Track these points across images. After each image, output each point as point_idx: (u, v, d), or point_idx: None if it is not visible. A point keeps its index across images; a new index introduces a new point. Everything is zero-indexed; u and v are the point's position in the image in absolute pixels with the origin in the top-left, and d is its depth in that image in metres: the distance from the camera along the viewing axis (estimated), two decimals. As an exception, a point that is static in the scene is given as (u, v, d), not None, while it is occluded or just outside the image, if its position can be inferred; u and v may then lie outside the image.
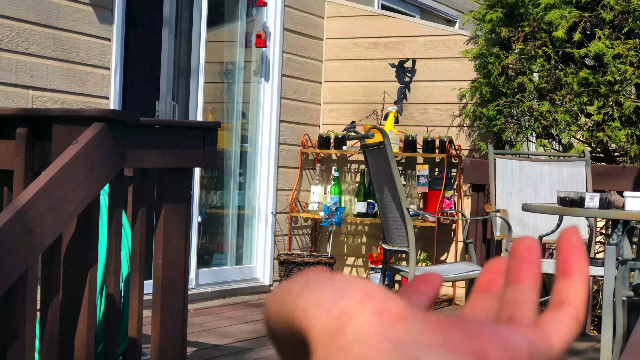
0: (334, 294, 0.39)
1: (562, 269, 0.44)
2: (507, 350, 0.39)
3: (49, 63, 5.22)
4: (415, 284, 0.46)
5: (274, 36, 7.00)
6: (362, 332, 0.38)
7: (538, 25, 6.26)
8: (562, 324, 0.43)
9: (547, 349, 0.42)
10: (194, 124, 3.78)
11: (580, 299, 0.43)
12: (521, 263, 0.44)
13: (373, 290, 0.39)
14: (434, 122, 7.01)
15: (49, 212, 2.72)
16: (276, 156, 7.04)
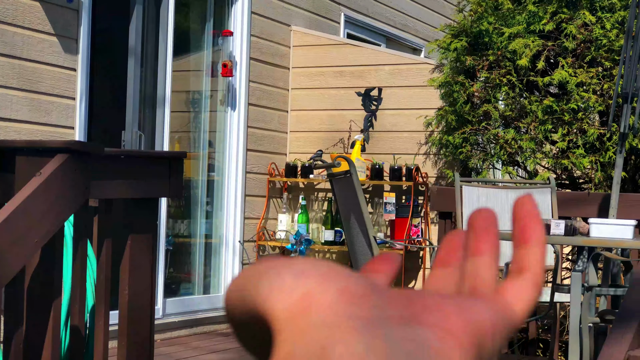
0: (295, 276, 0.39)
1: (520, 236, 0.44)
2: (471, 321, 0.39)
3: (13, 93, 5.19)
4: (374, 264, 0.46)
5: (240, 65, 7.02)
6: (325, 312, 0.37)
7: (502, 54, 6.33)
8: (522, 291, 0.43)
9: (510, 315, 0.42)
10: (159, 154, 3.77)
11: (539, 265, 0.44)
12: (479, 235, 0.44)
13: (333, 270, 0.39)
14: (400, 150, 7.04)
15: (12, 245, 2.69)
16: (243, 185, 7.03)
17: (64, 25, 5.49)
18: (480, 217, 0.44)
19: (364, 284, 0.39)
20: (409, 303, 0.38)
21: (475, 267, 0.43)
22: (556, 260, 5.17)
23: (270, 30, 7.31)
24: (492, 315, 0.40)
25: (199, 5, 6.94)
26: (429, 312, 0.38)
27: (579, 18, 6.23)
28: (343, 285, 0.38)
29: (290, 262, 0.40)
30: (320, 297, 0.38)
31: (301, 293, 0.38)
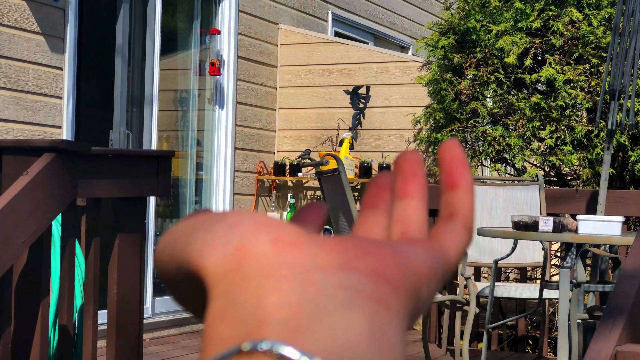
0: (227, 229, 0.38)
1: (448, 181, 0.43)
2: (407, 266, 0.38)
3: (0, 93, 5.17)
4: (301, 214, 0.45)
5: (228, 64, 7.01)
6: (259, 263, 0.37)
7: (490, 52, 6.34)
8: (454, 235, 0.42)
9: (444, 260, 0.41)
10: (147, 153, 3.76)
11: (469, 208, 0.43)
12: (406, 177, 0.43)
13: (265, 220, 0.38)
14: (388, 148, 7.04)
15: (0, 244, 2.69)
16: (232, 183, 7.03)
17: (51, 24, 5.47)
18: (407, 160, 0.44)
19: (297, 233, 0.38)
20: (343, 250, 0.38)
21: (404, 210, 0.43)
22: (545, 257, 5.18)
23: (257, 29, 7.30)
24: (428, 260, 0.40)
25: (186, 4, 6.93)
26: (364, 259, 0.37)
27: (566, 15, 6.25)
28: (276, 234, 0.38)
29: (222, 216, 0.39)
30: (253, 248, 0.37)
31: (234, 246, 0.38)
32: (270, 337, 0.35)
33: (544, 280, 4.93)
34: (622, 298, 2.67)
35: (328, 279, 0.36)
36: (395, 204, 0.43)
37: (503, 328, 6.05)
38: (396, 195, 0.43)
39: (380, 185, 0.45)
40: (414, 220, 0.42)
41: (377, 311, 0.36)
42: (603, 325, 2.61)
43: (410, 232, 0.42)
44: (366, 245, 0.38)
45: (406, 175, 0.43)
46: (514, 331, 6.10)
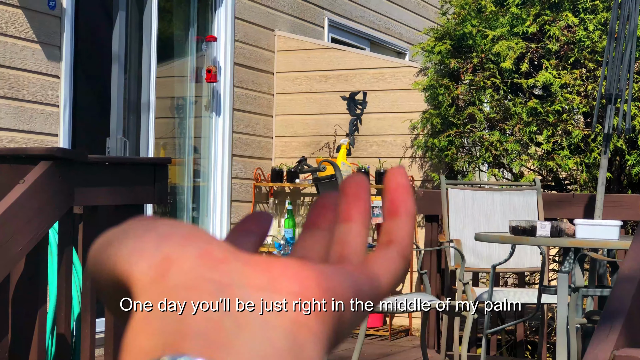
0: (156, 240, 0.39)
1: (390, 209, 0.44)
2: (330, 289, 0.39)
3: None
4: (245, 223, 0.46)
5: (225, 71, 7.02)
6: (184, 276, 0.37)
7: (486, 57, 6.35)
8: (389, 262, 0.43)
9: (374, 286, 0.41)
10: (144, 161, 3.77)
11: (407, 237, 0.44)
12: (351, 201, 0.43)
13: (195, 234, 0.39)
14: (386, 154, 7.05)
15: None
16: (229, 190, 7.03)
17: (47, 33, 5.48)
18: (353, 184, 0.44)
19: (225, 249, 0.38)
20: (268, 269, 0.38)
21: (344, 234, 0.43)
22: (543, 262, 5.18)
23: (254, 36, 7.31)
24: (354, 285, 0.40)
25: (182, 11, 6.94)
26: (287, 279, 0.38)
27: (562, 20, 6.26)
28: (203, 249, 0.38)
29: (153, 225, 0.40)
30: (179, 260, 0.38)
31: (161, 257, 0.38)
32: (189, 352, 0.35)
33: (543, 285, 4.93)
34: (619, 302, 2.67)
35: (251, 297, 0.37)
36: (338, 226, 0.44)
37: (502, 333, 6.05)
38: (339, 218, 0.44)
39: (324, 206, 0.45)
40: (353, 244, 0.43)
41: (297, 331, 0.37)
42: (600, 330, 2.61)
43: (348, 256, 0.42)
44: (292, 266, 0.39)
45: (350, 199, 0.44)
46: (512, 336, 6.10)
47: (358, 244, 0.43)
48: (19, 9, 5.31)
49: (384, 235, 0.44)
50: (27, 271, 2.99)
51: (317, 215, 0.45)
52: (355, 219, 0.43)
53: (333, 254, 0.43)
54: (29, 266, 2.99)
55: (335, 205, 0.45)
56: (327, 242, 0.44)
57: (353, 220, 0.43)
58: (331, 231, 0.44)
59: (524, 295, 5.23)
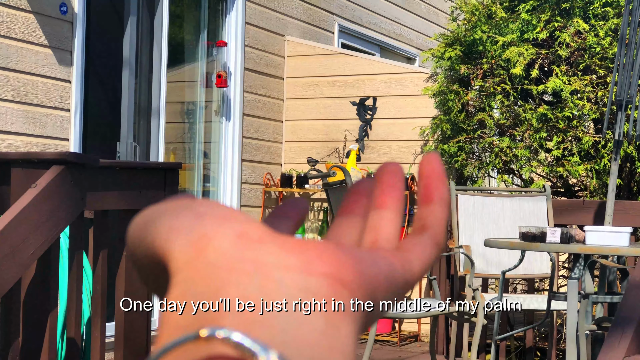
0: (194, 218, 0.39)
1: (424, 195, 0.45)
2: (364, 273, 0.39)
3: (8, 105, 5.20)
4: (283, 208, 0.47)
5: (235, 76, 7.03)
6: (221, 255, 0.38)
7: (496, 63, 6.34)
8: (422, 248, 0.43)
9: (408, 271, 0.42)
10: (154, 165, 3.78)
11: (441, 223, 0.44)
12: (385, 188, 0.44)
13: (233, 214, 0.40)
14: (395, 159, 7.04)
15: (8, 257, 2.70)
16: (239, 195, 7.04)
17: (58, 37, 5.50)
18: (387, 171, 0.45)
19: (262, 230, 0.39)
20: (304, 252, 0.39)
21: (378, 220, 0.44)
22: (552, 268, 5.17)
23: (264, 41, 7.32)
24: (388, 269, 0.41)
25: (193, 16, 6.96)
26: (323, 262, 0.38)
27: (572, 26, 6.26)
28: (241, 229, 0.39)
29: (192, 204, 0.40)
30: (217, 239, 0.38)
31: (199, 235, 0.38)
32: (227, 326, 0.36)
33: (552, 292, 4.92)
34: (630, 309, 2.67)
35: (286, 278, 0.38)
36: (371, 213, 0.44)
37: (511, 339, 6.04)
38: (373, 204, 0.44)
39: (359, 192, 0.46)
40: (386, 230, 0.43)
41: (331, 311, 0.38)
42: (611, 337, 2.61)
43: (381, 242, 0.43)
44: (327, 249, 0.39)
45: (384, 186, 0.44)
46: (522, 342, 6.09)
47: (391, 231, 0.44)
48: (31, 13, 5.33)
49: (417, 221, 0.45)
50: (38, 275, 3.00)
51: (352, 201, 0.46)
52: (389, 205, 0.44)
53: (366, 240, 0.44)
54: (40, 270, 3.00)
55: (370, 192, 0.45)
56: (360, 228, 0.45)
57: (387, 207, 0.44)
58: (365, 217, 0.45)
59: (534, 302, 5.22)
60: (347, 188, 3.74)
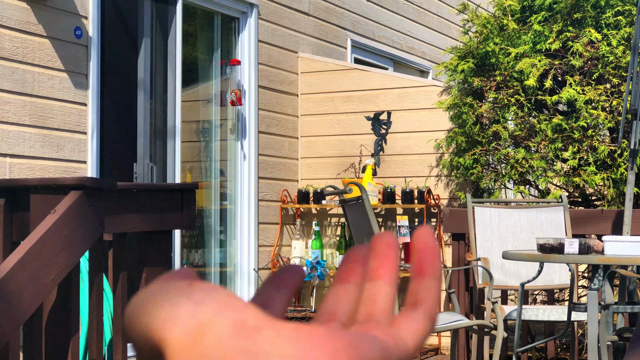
0: (192, 305, 0.39)
1: (417, 269, 0.45)
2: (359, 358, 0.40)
3: (26, 130, 5.23)
4: (279, 276, 0.47)
5: (249, 94, 7.05)
6: (218, 345, 0.38)
7: (509, 74, 6.34)
8: (416, 324, 0.44)
9: (402, 349, 0.42)
10: (171, 187, 3.79)
11: (434, 298, 0.45)
12: (380, 259, 0.45)
13: (230, 301, 0.40)
14: (411, 173, 7.05)
15: (29, 283, 2.71)
16: (256, 213, 7.05)
17: (74, 61, 5.54)
18: (382, 242, 0.45)
19: (260, 317, 0.39)
20: (302, 340, 0.39)
21: (373, 292, 0.44)
22: (572, 279, 5.15)
23: (277, 58, 7.35)
24: (382, 351, 0.41)
25: (206, 36, 6.99)
26: (318, 350, 0.39)
27: (584, 36, 6.25)
28: (239, 317, 0.39)
29: (190, 289, 0.40)
30: (214, 328, 0.39)
31: (195, 323, 0.39)
32: None
33: (572, 302, 4.90)
34: (651, 321, 2.65)
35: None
36: (366, 284, 0.45)
37: (532, 351, 6.01)
38: (368, 275, 0.45)
39: (355, 260, 0.46)
40: (381, 303, 0.44)
41: None
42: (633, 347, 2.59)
43: (376, 315, 0.44)
44: (323, 337, 0.40)
45: (379, 257, 0.45)
46: (543, 354, 6.06)
47: (386, 304, 0.44)
48: (46, 38, 5.37)
49: (410, 295, 0.45)
50: (59, 300, 3.02)
51: (347, 269, 0.46)
52: (384, 277, 0.44)
53: (361, 312, 0.44)
54: (60, 295, 3.02)
55: (365, 259, 0.46)
56: (356, 298, 0.45)
57: (382, 278, 0.44)
58: (360, 286, 0.45)
59: (554, 313, 5.20)
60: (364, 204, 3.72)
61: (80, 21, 5.58)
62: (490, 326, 4.76)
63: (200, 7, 6.81)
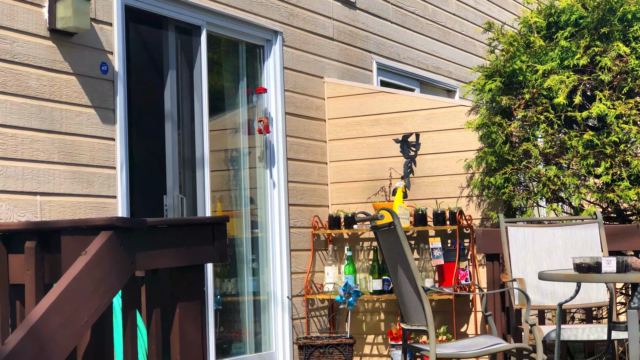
0: None
1: None
2: None
3: (55, 167, 5.25)
4: None
5: (276, 121, 7.05)
6: None
7: (538, 92, 6.29)
8: None
9: None
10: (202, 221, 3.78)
11: None
12: None
13: None
14: (442, 194, 7.01)
15: (62, 327, 2.70)
16: (287, 240, 7.03)
17: (101, 97, 5.57)
18: None
19: None
20: None
21: None
22: (610, 298, 5.08)
23: (303, 84, 7.35)
24: None
25: (232, 65, 7.01)
26: None
27: (612, 50, 6.19)
28: None
29: None
30: None
31: None
32: None
33: (612, 322, 4.83)
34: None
35: None
36: None
37: None
38: None
39: None
40: None
41: None
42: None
43: None
44: None
45: None
46: (583, 373, 5.98)
47: None
48: (73, 75, 5.40)
49: None
50: (92, 342, 3.01)
51: None
52: None
53: None
54: (94, 338, 3.01)
55: None
56: None
57: None
58: None
59: (593, 332, 5.13)
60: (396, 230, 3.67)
61: (105, 56, 5.61)
62: (530, 349, 4.70)
63: (224, 37, 6.83)
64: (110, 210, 5.54)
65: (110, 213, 5.53)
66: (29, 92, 5.14)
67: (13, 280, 3.28)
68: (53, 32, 5.31)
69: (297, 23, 7.36)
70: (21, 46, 5.13)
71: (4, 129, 5.00)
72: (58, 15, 5.27)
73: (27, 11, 5.19)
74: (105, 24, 5.65)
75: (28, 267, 3.14)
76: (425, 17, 9.19)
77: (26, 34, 5.16)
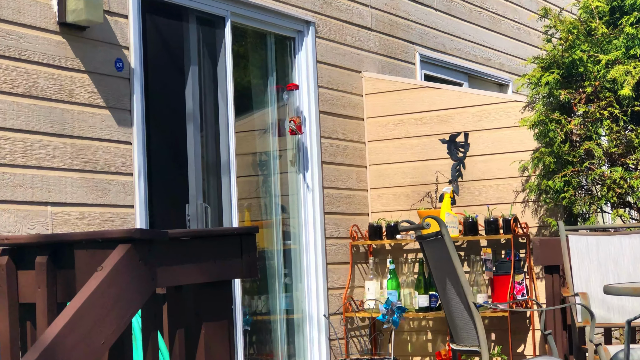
0: None
1: None
2: None
3: (67, 175, 5.30)
4: None
5: (310, 121, 7.07)
6: None
7: (601, 84, 6.26)
8: None
9: None
10: (228, 232, 3.80)
11: None
12: None
13: None
14: (495, 200, 6.99)
15: (77, 349, 2.73)
16: (323, 252, 7.04)
17: (116, 96, 5.61)
18: None
19: None
20: None
21: None
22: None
23: (339, 80, 7.36)
24: None
25: (259, 59, 7.04)
26: None
27: (684, 36, 6.16)
28: None
29: None
30: None
31: None
32: None
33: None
34: None
35: None
36: None
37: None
38: None
39: None
40: None
41: None
42: None
43: None
44: None
45: None
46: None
47: None
48: (85, 73, 5.45)
49: None
50: (111, 365, 3.04)
51: None
52: None
53: None
54: (112, 358, 3.03)
55: None
56: None
57: None
58: None
59: (666, 352, 5.09)
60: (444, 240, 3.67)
61: (121, 52, 5.66)
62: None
63: (251, 28, 6.86)
64: (127, 221, 5.58)
65: (127, 224, 5.57)
66: (37, 93, 5.20)
67: (23, 299, 3.32)
68: (63, 26, 5.36)
69: (331, 12, 7.38)
70: (29, 42, 5.19)
71: (11, 133, 5.05)
72: (68, 7, 5.32)
73: (34, 4, 5.24)
74: (120, 16, 5.70)
75: (39, 284, 3.17)
76: (474, 3, 9.18)
77: (34, 29, 5.22)
